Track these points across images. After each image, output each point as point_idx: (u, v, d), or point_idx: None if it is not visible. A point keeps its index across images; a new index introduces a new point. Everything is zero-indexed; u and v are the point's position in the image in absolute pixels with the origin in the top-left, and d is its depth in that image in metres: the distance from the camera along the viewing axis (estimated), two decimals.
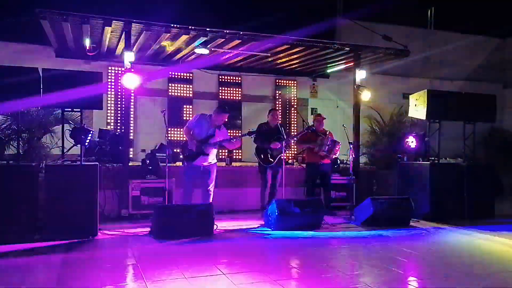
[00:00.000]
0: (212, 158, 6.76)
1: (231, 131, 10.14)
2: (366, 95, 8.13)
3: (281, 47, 8.25)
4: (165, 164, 6.66)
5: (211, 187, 6.79)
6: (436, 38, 12.43)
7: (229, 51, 8.49)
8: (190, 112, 9.86)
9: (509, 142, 11.56)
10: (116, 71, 9.24)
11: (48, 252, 4.99)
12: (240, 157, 10.19)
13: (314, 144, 7.64)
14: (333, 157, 7.82)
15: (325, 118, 7.94)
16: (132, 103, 8.42)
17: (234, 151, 9.95)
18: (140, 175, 7.32)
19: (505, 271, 4.56)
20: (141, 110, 9.54)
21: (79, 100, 5.70)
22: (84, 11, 6.72)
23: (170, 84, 9.86)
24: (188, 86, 9.99)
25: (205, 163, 6.67)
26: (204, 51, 8.29)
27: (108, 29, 7.17)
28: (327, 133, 7.79)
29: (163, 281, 4.01)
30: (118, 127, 9.15)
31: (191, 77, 10.02)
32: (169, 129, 9.01)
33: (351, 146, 7.66)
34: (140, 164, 7.65)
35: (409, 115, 8.12)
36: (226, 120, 6.89)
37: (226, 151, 9.04)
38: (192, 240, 5.61)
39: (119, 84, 9.02)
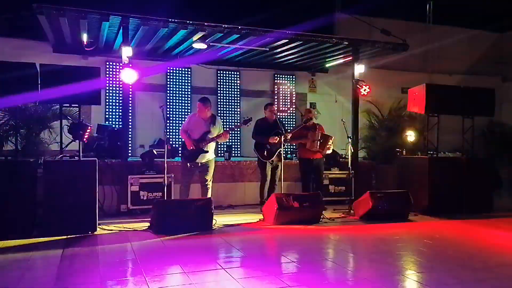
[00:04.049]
0: (210, 154, 6.77)
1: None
2: (364, 90, 8.10)
3: (280, 41, 8.23)
4: (163, 159, 6.66)
5: (209, 182, 6.82)
6: (435, 32, 12.39)
7: (227, 45, 8.47)
8: (189, 108, 9.85)
9: (508, 136, 11.55)
10: (114, 66, 9.22)
11: (47, 248, 4.98)
12: (239, 152, 10.19)
13: (305, 139, 7.62)
14: (326, 152, 7.74)
15: (311, 112, 7.97)
16: (130, 98, 8.39)
17: (233, 146, 9.97)
18: (139, 170, 7.32)
19: (503, 265, 4.57)
20: (140, 105, 9.51)
21: (77, 96, 5.68)
22: (81, 6, 6.69)
23: (168, 79, 9.83)
24: (186, 81, 9.97)
25: (203, 160, 6.69)
26: (202, 46, 8.26)
27: (105, 24, 7.14)
28: (317, 127, 7.74)
29: (162, 276, 4.02)
30: (117, 123, 9.14)
31: (189, 72, 10.00)
32: (167, 124, 9.00)
33: (349, 140, 7.64)
34: (140, 159, 7.64)
35: (408, 109, 8.11)
36: (209, 110, 6.86)
37: (225, 146, 9.05)
38: (191, 235, 5.62)
39: (118, 79, 9.04)
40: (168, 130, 9.33)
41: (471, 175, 7.69)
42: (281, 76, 10.80)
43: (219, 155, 9.36)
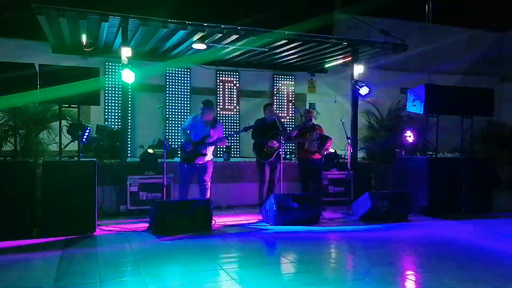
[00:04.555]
0: (209, 155, 6.79)
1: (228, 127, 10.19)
2: (364, 90, 8.11)
3: (279, 42, 8.23)
4: (163, 159, 6.66)
5: (208, 182, 6.83)
6: (434, 33, 12.41)
7: (226, 46, 8.47)
8: (188, 108, 9.85)
9: (507, 136, 11.57)
10: (114, 67, 9.22)
11: (46, 248, 4.99)
12: (238, 152, 10.19)
13: (304, 139, 7.63)
14: (325, 153, 7.77)
15: (310, 112, 7.98)
16: (130, 99, 8.38)
17: (233, 147, 9.97)
18: (138, 171, 7.32)
19: (503, 265, 4.58)
20: (139, 105, 9.51)
21: (76, 96, 5.67)
22: (80, 7, 6.69)
23: (167, 80, 9.83)
24: (185, 81, 9.97)
25: (201, 162, 6.71)
26: (202, 46, 8.26)
27: (105, 25, 7.14)
28: (316, 128, 7.76)
29: (161, 277, 4.02)
30: (116, 123, 9.13)
31: (188, 73, 10.00)
32: (167, 124, 9.00)
33: (349, 141, 7.65)
34: (138, 159, 7.64)
35: (407, 109, 8.11)
36: (212, 114, 6.88)
37: (225, 147, 9.05)
38: (190, 235, 5.61)
39: (117, 79, 9.04)
40: (167, 131, 9.36)
41: (470, 175, 7.69)
42: (280, 76, 10.81)
43: (218, 155, 9.36)
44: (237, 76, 10.44)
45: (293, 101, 10.44)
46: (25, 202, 5.48)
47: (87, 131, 5.92)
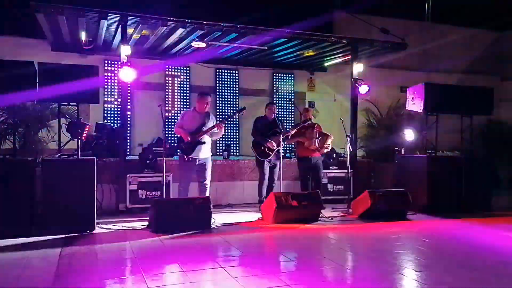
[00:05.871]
0: (207, 151, 6.77)
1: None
2: (363, 89, 8.11)
3: (278, 40, 8.22)
4: (162, 158, 6.65)
5: (208, 181, 6.82)
6: (434, 31, 12.39)
7: (226, 44, 8.46)
8: (188, 106, 9.83)
9: (506, 135, 11.57)
10: (113, 65, 9.20)
11: (45, 247, 4.98)
12: (238, 151, 10.19)
13: (303, 138, 7.63)
14: (325, 151, 7.79)
15: (310, 111, 7.97)
16: (129, 97, 8.38)
17: (232, 145, 9.97)
18: (137, 169, 7.31)
19: (501, 263, 4.58)
20: (138, 104, 9.50)
21: (76, 94, 5.66)
22: (80, 4, 6.67)
23: (167, 78, 9.82)
24: (185, 79, 9.96)
25: (201, 156, 6.67)
26: (201, 44, 8.25)
27: (104, 23, 7.12)
28: (315, 126, 7.77)
29: (161, 275, 4.02)
30: (115, 121, 9.12)
31: (188, 71, 9.99)
32: (166, 123, 9.00)
33: (348, 139, 7.65)
34: (138, 158, 7.63)
35: (407, 108, 8.12)
36: (208, 104, 6.89)
37: (224, 145, 9.04)
38: (189, 233, 5.62)
39: (116, 78, 9.02)
40: (166, 129, 9.34)
41: (469, 174, 7.69)
42: (280, 74, 10.80)
43: (218, 154, 9.35)
44: (237, 75, 10.43)
45: (292, 100, 10.44)
46: (24, 200, 5.46)
47: (86, 129, 5.90)
